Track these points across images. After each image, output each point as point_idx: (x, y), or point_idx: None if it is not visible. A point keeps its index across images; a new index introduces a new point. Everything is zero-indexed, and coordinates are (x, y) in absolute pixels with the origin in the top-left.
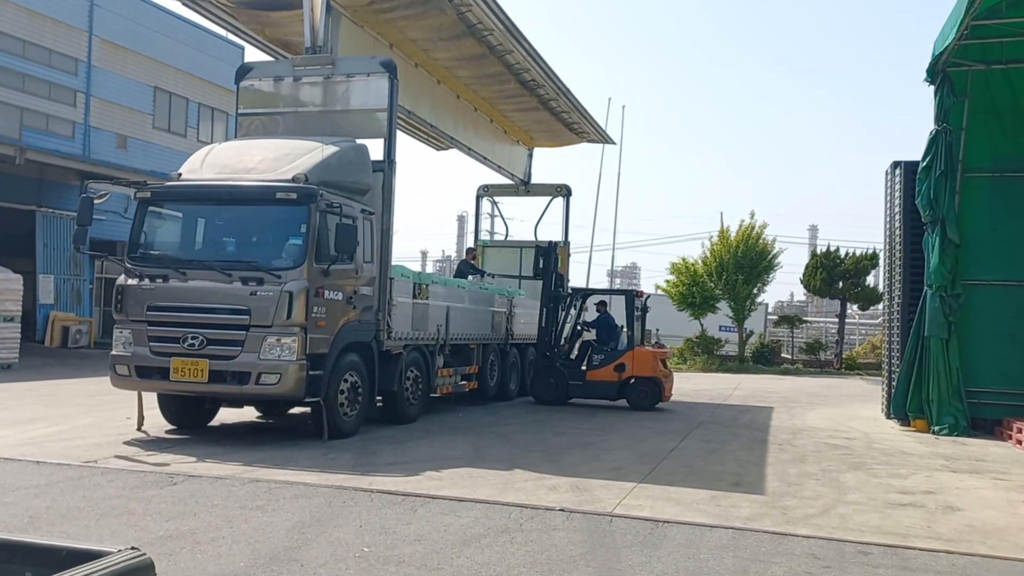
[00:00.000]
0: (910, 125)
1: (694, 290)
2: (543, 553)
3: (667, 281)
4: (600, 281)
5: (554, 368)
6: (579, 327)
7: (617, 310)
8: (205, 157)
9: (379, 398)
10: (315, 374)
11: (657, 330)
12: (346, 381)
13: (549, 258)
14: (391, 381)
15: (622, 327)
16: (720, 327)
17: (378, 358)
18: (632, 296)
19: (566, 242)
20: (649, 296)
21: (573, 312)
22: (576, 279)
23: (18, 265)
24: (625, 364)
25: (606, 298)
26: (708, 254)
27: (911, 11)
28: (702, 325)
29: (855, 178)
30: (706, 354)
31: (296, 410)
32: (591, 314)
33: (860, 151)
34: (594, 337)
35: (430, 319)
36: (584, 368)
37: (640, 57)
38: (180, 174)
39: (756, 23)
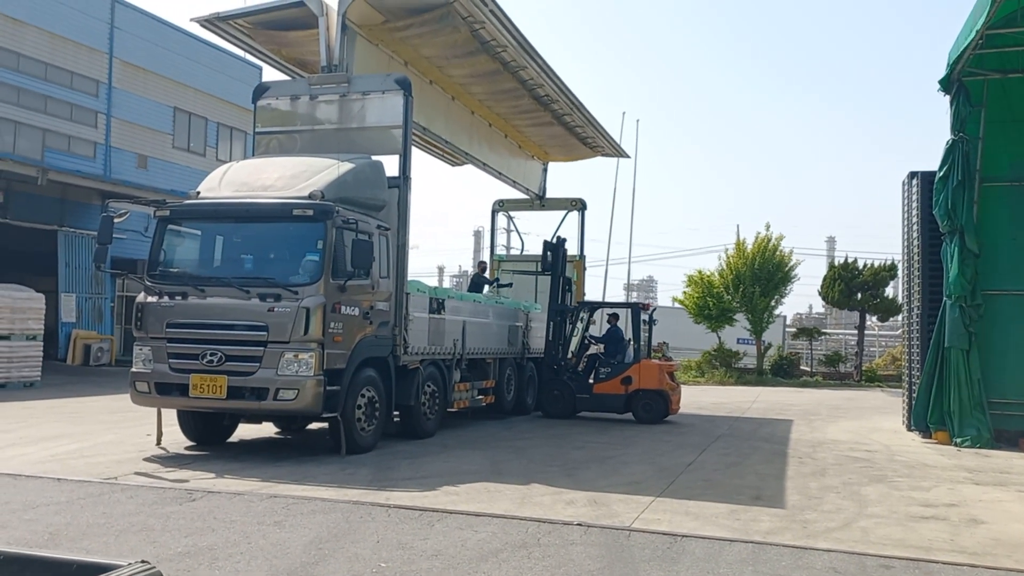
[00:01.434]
0: (926, 135)
1: (710, 302)
2: (560, 568)
3: (684, 293)
4: (617, 295)
5: (561, 381)
6: (586, 340)
7: (625, 323)
8: (223, 175)
9: (396, 413)
10: (332, 389)
11: (666, 343)
12: (363, 396)
13: (558, 254)
14: (408, 396)
15: (629, 340)
16: (738, 340)
17: (395, 373)
18: (638, 309)
19: (581, 256)
20: (655, 308)
21: (580, 325)
22: (592, 293)
23: (41, 284)
24: (632, 377)
25: (618, 311)
26: (725, 266)
27: (927, 20)
28: (719, 338)
29: (872, 189)
30: (724, 367)
31: (314, 425)
32: (604, 327)
33: (877, 162)
34: (601, 350)
35: (447, 334)
36: (591, 381)
37: (654, 71)
38: (199, 192)
39: (770, 34)
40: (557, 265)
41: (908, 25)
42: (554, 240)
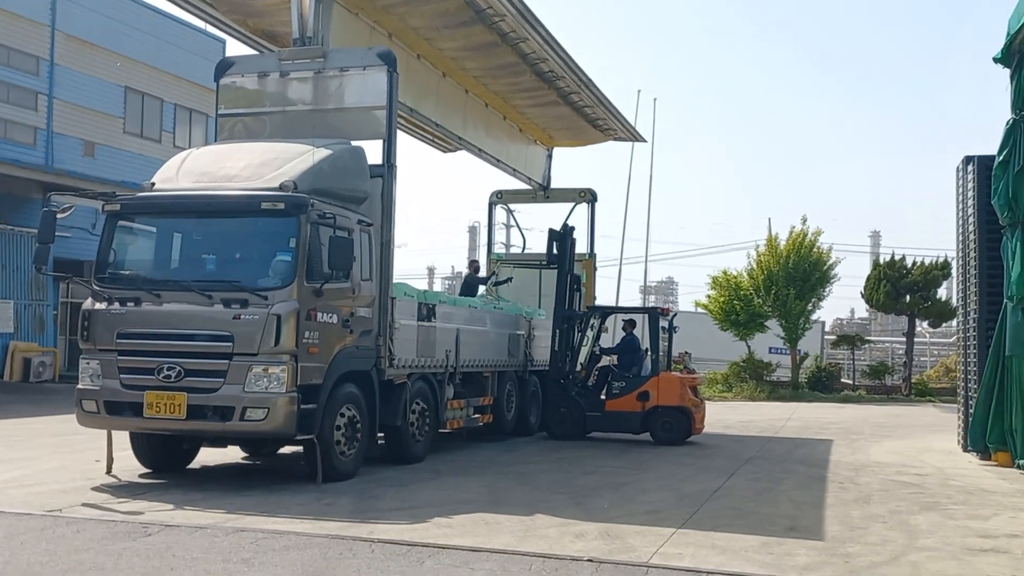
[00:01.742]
0: (984, 114)
1: (738, 306)
2: None
3: (708, 297)
4: (632, 298)
5: (568, 397)
6: (598, 351)
7: (642, 331)
8: (181, 164)
9: (381, 434)
10: (307, 408)
11: (688, 354)
12: (343, 415)
13: (565, 245)
14: (394, 415)
15: (646, 350)
16: (770, 349)
17: (379, 389)
18: (656, 314)
19: (592, 254)
20: (676, 314)
21: (591, 333)
22: (604, 296)
23: None
24: (649, 392)
25: (634, 317)
26: (754, 265)
27: None
28: (749, 347)
29: (923, 176)
30: (754, 380)
31: (287, 449)
32: (618, 336)
33: (928, 145)
34: (615, 362)
35: (438, 344)
36: (603, 397)
37: (673, 45)
38: (154, 184)
39: (803, 8)
40: (565, 259)
41: None
42: (561, 229)
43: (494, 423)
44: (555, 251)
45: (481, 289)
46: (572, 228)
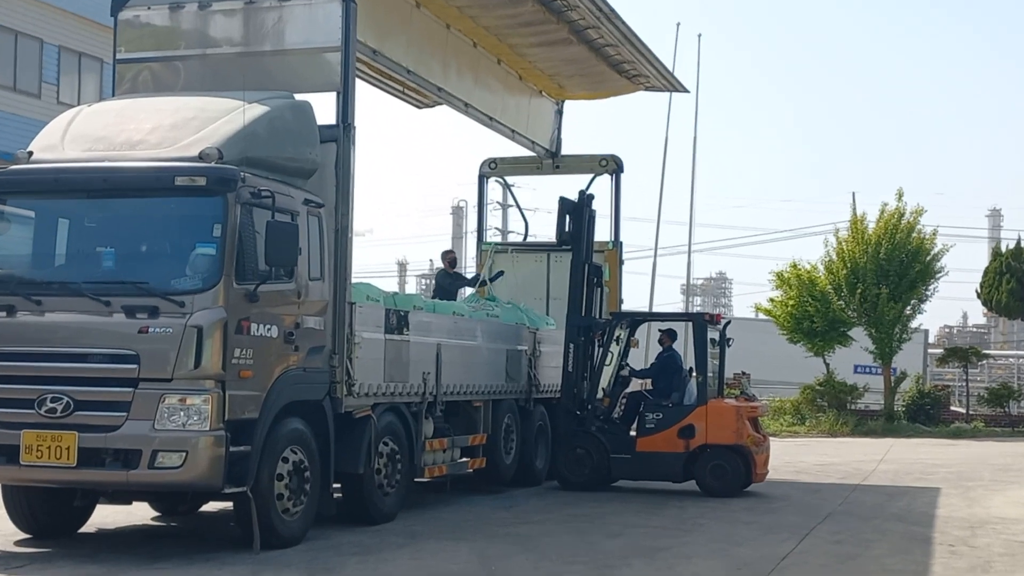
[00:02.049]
0: None
1: (813, 310)
2: None
3: (772, 301)
4: (672, 301)
5: (587, 435)
6: (625, 372)
7: (684, 345)
8: (68, 127)
9: (337, 485)
10: (239, 451)
11: (746, 375)
12: (286, 461)
13: (581, 219)
14: (354, 459)
15: (689, 369)
16: (855, 367)
17: (334, 425)
18: (703, 323)
19: (616, 243)
20: (729, 322)
21: (617, 348)
22: (633, 299)
23: None
24: (695, 426)
25: (672, 326)
26: (834, 257)
27: None
28: (828, 365)
29: None
30: (835, 409)
31: (212, 506)
32: (653, 352)
33: None
34: (649, 386)
35: (413, 364)
36: (633, 433)
37: None
38: (31, 153)
39: None
40: (582, 241)
41: None
42: (578, 197)
43: (488, 469)
44: (568, 229)
45: (467, 292)
46: (591, 196)
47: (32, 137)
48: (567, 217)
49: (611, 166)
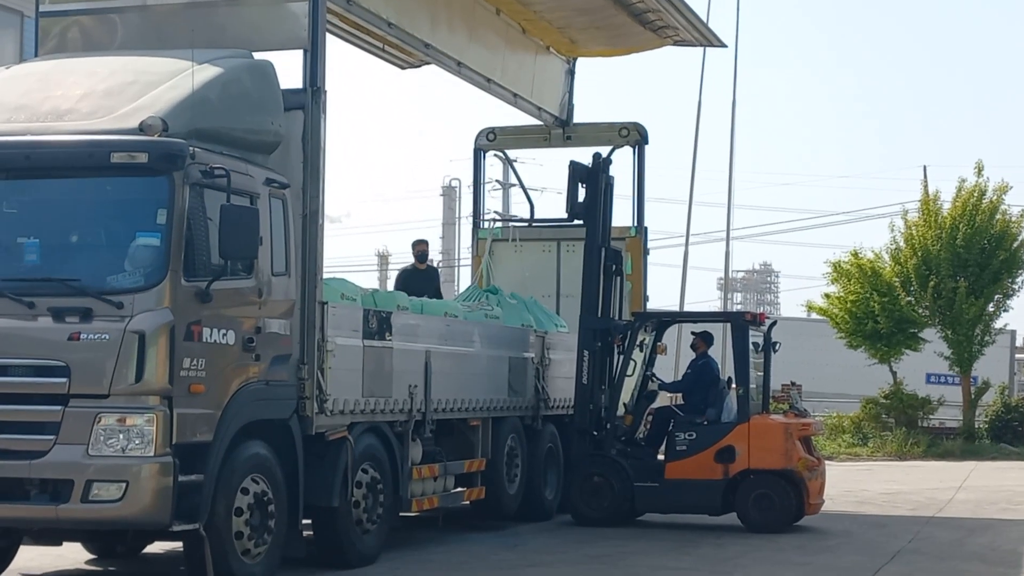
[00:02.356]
0: None
1: (876, 308)
2: None
3: (827, 297)
4: (708, 298)
5: (606, 460)
6: (652, 384)
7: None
8: None
9: (307, 521)
10: (189, 481)
11: (797, 385)
12: (246, 492)
13: (596, 187)
14: (328, 490)
15: (728, 380)
16: (928, 377)
17: (303, 449)
18: (743, 324)
19: (639, 228)
20: (775, 323)
21: (641, 355)
22: (661, 296)
23: None
24: (734, 448)
25: (707, 328)
26: (902, 243)
27: None
28: (895, 373)
29: None
30: (904, 426)
31: (158, 546)
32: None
33: None
34: (679, 401)
35: (397, 376)
36: (661, 457)
37: None
38: None
39: None
40: (596, 215)
41: None
42: (592, 162)
43: (488, 501)
44: (582, 200)
45: (463, 298)
46: (608, 162)
47: None
48: (579, 186)
49: (633, 136)
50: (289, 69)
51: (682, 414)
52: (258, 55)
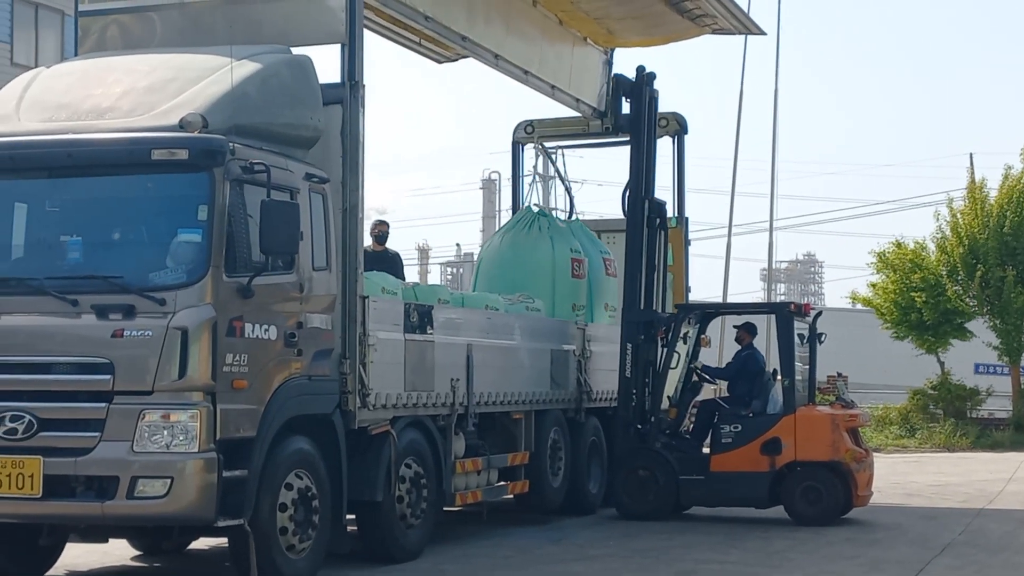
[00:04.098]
0: None
1: (920, 300)
2: None
3: (872, 287)
4: (751, 289)
5: (650, 453)
6: (696, 376)
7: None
8: (25, 92)
9: (351, 516)
10: (234, 476)
11: (843, 376)
12: (290, 488)
13: (641, 95)
14: (371, 484)
15: (773, 371)
16: (976, 367)
17: (347, 444)
18: (788, 315)
19: (681, 219)
20: (820, 313)
21: (685, 347)
22: (704, 287)
23: None
24: (781, 440)
25: (753, 320)
26: (948, 232)
27: None
28: (942, 364)
29: None
30: (952, 417)
31: (203, 543)
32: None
33: None
34: (723, 393)
35: (439, 369)
36: (706, 450)
37: None
38: None
39: None
40: (641, 130)
41: None
42: (635, 75)
43: (532, 494)
44: (628, 121)
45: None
46: (653, 75)
47: None
48: (623, 100)
49: (672, 126)
50: (327, 64)
51: (727, 406)
52: (296, 50)
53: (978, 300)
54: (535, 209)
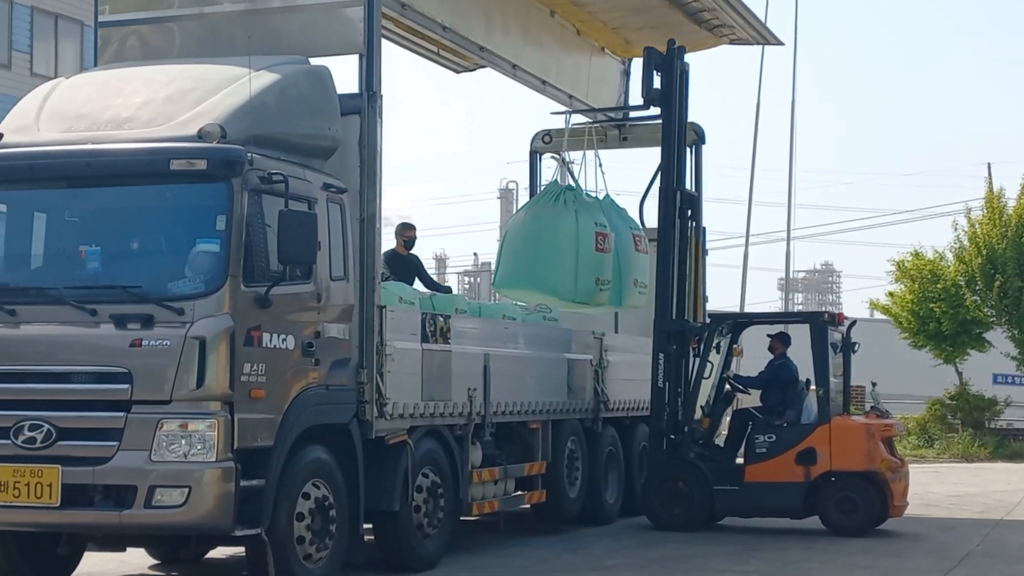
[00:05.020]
0: None
1: (939, 309)
2: None
3: (890, 295)
4: (768, 297)
5: (685, 463)
6: (729, 385)
7: (797, 349)
8: (44, 103)
9: (368, 525)
10: (251, 486)
11: (874, 385)
12: (307, 497)
13: (672, 68)
14: (389, 494)
15: (807, 381)
16: (995, 377)
17: (364, 453)
18: (821, 324)
19: (698, 228)
20: (855, 323)
21: (717, 357)
22: (722, 297)
23: None
24: (816, 450)
25: (786, 330)
26: (966, 242)
27: None
28: (960, 374)
29: None
30: (970, 427)
31: (220, 552)
32: (745, 361)
33: None
34: (756, 403)
35: (456, 379)
36: (741, 460)
37: None
38: (1, 135)
39: None
40: (672, 104)
41: None
42: (667, 50)
43: (549, 504)
44: (659, 95)
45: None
46: (683, 49)
47: (1, 116)
48: (655, 73)
49: (690, 136)
50: (345, 74)
51: (760, 416)
52: (314, 60)
53: (996, 310)
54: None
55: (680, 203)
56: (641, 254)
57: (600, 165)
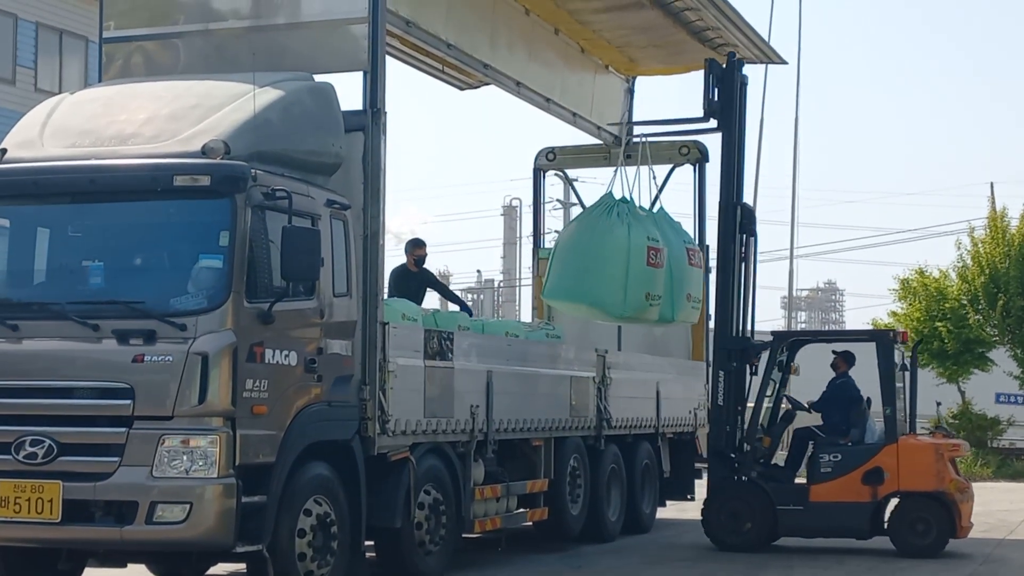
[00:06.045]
0: None
1: (943, 329)
2: None
3: (893, 315)
4: (772, 315)
5: (747, 484)
6: (788, 405)
7: (861, 369)
8: (48, 118)
9: (370, 543)
10: (253, 502)
11: (939, 404)
12: (309, 514)
13: (732, 80)
14: (391, 511)
15: (869, 400)
16: (998, 396)
17: (366, 470)
18: (889, 342)
19: (701, 246)
20: (921, 341)
21: (777, 376)
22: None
23: None
24: (883, 469)
25: (850, 348)
26: (969, 261)
27: None
28: (963, 393)
29: None
30: (973, 447)
31: (222, 568)
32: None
33: None
34: (818, 422)
35: (458, 396)
36: (804, 481)
37: None
38: (4, 151)
39: None
40: (732, 117)
41: None
42: (727, 62)
43: (551, 521)
44: (719, 107)
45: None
46: (742, 62)
47: (5, 131)
48: (713, 81)
49: (693, 155)
50: (349, 91)
51: (823, 435)
52: (319, 77)
53: (999, 329)
54: (616, 196)
55: (741, 218)
56: (695, 268)
57: (654, 178)
